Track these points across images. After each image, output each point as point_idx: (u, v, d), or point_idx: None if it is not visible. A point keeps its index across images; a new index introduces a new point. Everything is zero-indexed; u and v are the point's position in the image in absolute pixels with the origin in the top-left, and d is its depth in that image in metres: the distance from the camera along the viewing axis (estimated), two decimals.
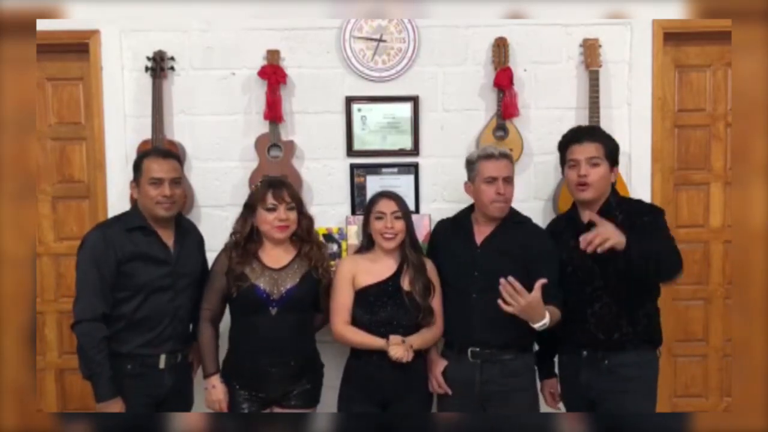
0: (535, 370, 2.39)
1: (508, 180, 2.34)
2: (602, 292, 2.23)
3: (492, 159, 2.34)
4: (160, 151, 2.41)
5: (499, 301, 2.08)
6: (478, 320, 2.30)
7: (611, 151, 2.28)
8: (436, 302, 2.35)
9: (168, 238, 2.30)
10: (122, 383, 2.18)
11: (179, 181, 2.30)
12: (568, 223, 2.36)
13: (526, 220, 2.44)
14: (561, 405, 2.47)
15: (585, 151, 2.25)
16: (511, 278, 2.07)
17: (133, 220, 2.27)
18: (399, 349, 2.21)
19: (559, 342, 2.38)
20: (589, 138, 2.28)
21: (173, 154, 2.40)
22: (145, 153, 2.38)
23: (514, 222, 2.39)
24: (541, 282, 2.08)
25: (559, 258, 2.31)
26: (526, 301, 2.06)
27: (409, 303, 2.29)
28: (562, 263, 2.29)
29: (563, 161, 2.35)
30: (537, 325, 2.12)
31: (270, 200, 2.26)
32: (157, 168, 2.24)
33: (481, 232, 2.38)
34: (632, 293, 2.21)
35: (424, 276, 2.34)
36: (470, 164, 2.41)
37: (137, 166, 2.29)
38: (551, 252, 2.32)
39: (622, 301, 2.21)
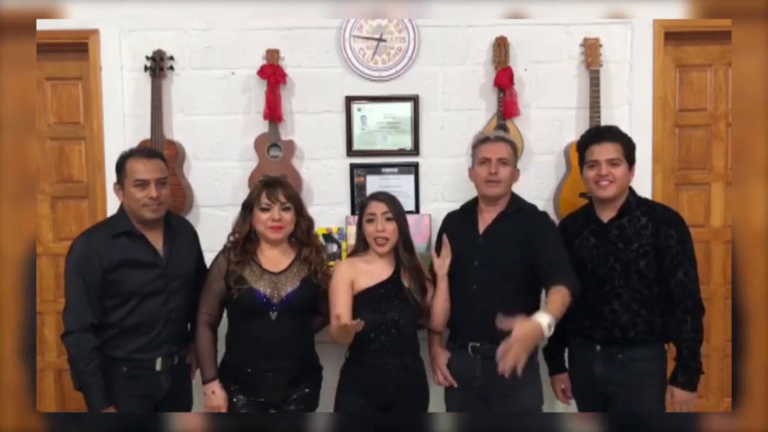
0: (537, 364, 2.37)
1: (503, 161, 2.32)
2: (622, 290, 2.24)
3: (487, 142, 2.37)
4: (143, 151, 2.30)
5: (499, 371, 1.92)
6: (478, 313, 2.29)
7: (629, 151, 2.28)
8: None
9: (156, 239, 2.24)
10: (119, 386, 2.15)
11: (165, 181, 2.23)
12: (587, 220, 2.35)
13: (529, 207, 2.42)
14: (572, 401, 2.45)
15: (605, 151, 2.25)
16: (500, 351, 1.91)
17: (119, 225, 2.20)
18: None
19: (571, 337, 2.37)
20: (609, 138, 2.28)
21: (157, 153, 2.33)
22: (127, 153, 2.26)
23: (516, 209, 2.37)
24: (514, 324, 1.91)
25: (562, 239, 2.31)
26: (514, 347, 1.89)
27: (412, 300, 2.29)
28: (582, 261, 2.29)
29: (582, 161, 2.33)
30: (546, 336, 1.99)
31: (264, 200, 2.23)
32: (142, 169, 2.17)
33: (484, 221, 2.38)
34: (651, 293, 2.24)
35: (420, 276, 2.34)
36: (472, 150, 2.44)
37: (120, 168, 2.21)
38: (554, 234, 2.31)
39: (640, 300, 2.23)
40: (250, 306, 2.21)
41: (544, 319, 1.97)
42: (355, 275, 2.30)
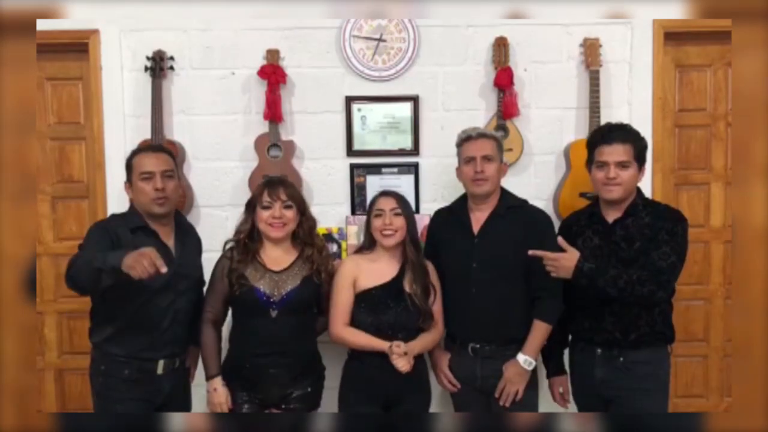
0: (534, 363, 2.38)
1: (488, 158, 2.32)
2: None
3: (470, 140, 2.36)
4: (150, 146, 2.37)
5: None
6: (478, 317, 2.30)
7: (640, 152, 2.22)
8: (437, 305, 2.35)
9: (168, 237, 2.26)
10: (120, 389, 2.15)
11: (172, 174, 2.24)
12: (591, 219, 2.30)
13: (522, 204, 2.41)
14: (570, 404, 2.44)
15: (615, 153, 2.18)
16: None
17: (133, 220, 2.22)
18: (401, 361, 2.19)
19: (572, 340, 2.36)
20: (619, 139, 2.20)
21: (164, 148, 2.35)
22: (135, 151, 2.31)
23: (509, 207, 2.37)
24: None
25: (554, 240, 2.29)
26: (507, 386, 2.28)
27: (411, 306, 2.28)
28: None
29: (590, 159, 2.27)
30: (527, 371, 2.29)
31: (265, 198, 2.25)
32: (148, 162, 2.20)
33: (477, 221, 2.37)
34: None
35: (425, 278, 2.33)
36: (457, 149, 2.43)
37: (128, 165, 2.25)
38: (552, 236, 2.29)
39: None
40: (250, 304, 2.23)
41: (521, 358, 2.27)
42: (358, 274, 2.31)
